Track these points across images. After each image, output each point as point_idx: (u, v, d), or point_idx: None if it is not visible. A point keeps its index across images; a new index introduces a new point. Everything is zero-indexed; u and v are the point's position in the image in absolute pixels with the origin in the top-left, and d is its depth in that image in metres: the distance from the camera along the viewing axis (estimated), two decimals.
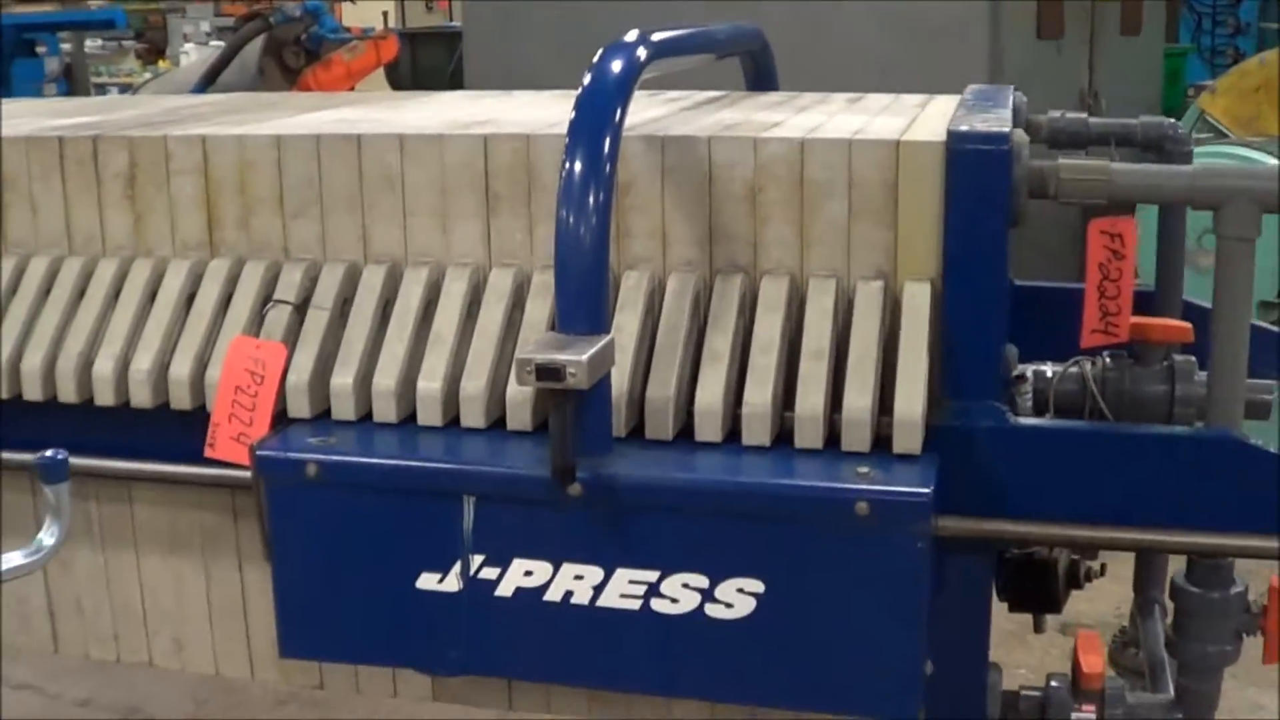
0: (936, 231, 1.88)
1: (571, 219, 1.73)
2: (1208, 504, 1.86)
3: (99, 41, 11.14)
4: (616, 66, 1.84)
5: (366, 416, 2.00)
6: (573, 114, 1.79)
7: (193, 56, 9.73)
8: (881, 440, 1.83)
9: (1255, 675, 3.96)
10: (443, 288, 2.02)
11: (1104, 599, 4.46)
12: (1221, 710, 3.64)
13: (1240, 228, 1.88)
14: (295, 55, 6.52)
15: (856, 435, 1.82)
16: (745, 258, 1.95)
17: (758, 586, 1.77)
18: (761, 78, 2.79)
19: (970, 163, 1.86)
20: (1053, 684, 2.03)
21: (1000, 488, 1.89)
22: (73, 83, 8.62)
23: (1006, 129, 1.87)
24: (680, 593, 1.79)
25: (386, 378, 1.97)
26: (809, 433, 1.83)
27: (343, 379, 1.99)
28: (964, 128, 1.87)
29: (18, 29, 8.36)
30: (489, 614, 1.86)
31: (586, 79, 1.83)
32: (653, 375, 1.89)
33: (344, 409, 1.99)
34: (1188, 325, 2.29)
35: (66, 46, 8.70)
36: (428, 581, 1.87)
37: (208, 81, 6.09)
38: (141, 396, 2.08)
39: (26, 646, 2.39)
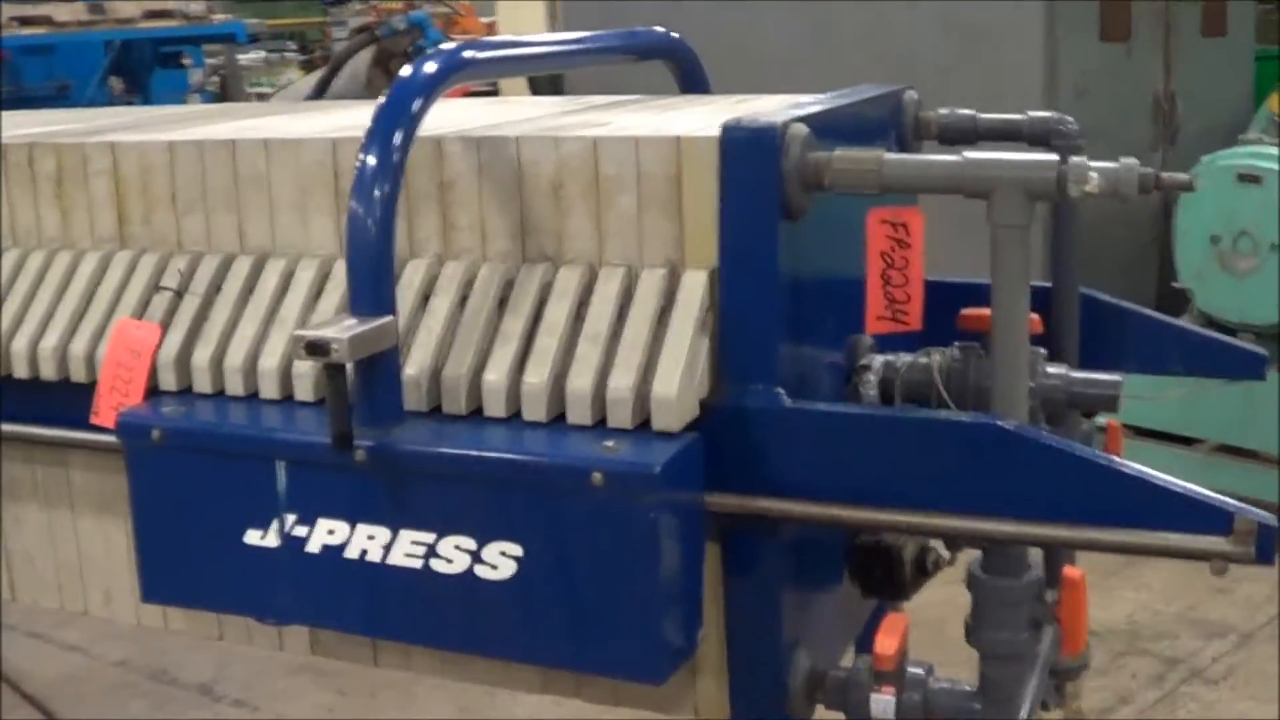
0: (716, 222, 1.99)
1: (361, 210, 1.92)
2: (976, 490, 1.91)
3: (262, 53, 11.84)
4: (417, 79, 2.01)
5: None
6: (371, 119, 1.97)
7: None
8: None
9: (1255, 687, 3.86)
10: (294, 276, 2.23)
11: (1119, 605, 4.40)
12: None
13: (1010, 216, 1.92)
14: (401, 66, 6.87)
15: (619, 412, 1.94)
16: (552, 248, 2.10)
17: (517, 550, 1.91)
18: (690, 82, 2.90)
19: (739, 155, 1.96)
20: (856, 665, 2.10)
21: (776, 468, 1.98)
22: (226, 92, 9.23)
23: (777, 121, 1.96)
24: (454, 554, 1.95)
25: (235, 356, 2.19)
26: (578, 410, 1.97)
27: (200, 357, 2.22)
28: (736, 122, 1.98)
29: (154, 43, 9.02)
30: (303, 569, 2.05)
31: (392, 87, 2.01)
32: (450, 355, 2.05)
33: (202, 383, 2.22)
34: (1036, 317, 2.32)
35: (214, 60, 9.32)
36: (253, 537, 2.08)
37: (319, 92, 6.49)
38: (49, 370, 2.35)
39: None
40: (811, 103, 2.31)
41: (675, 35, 2.89)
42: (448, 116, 2.35)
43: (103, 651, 4.11)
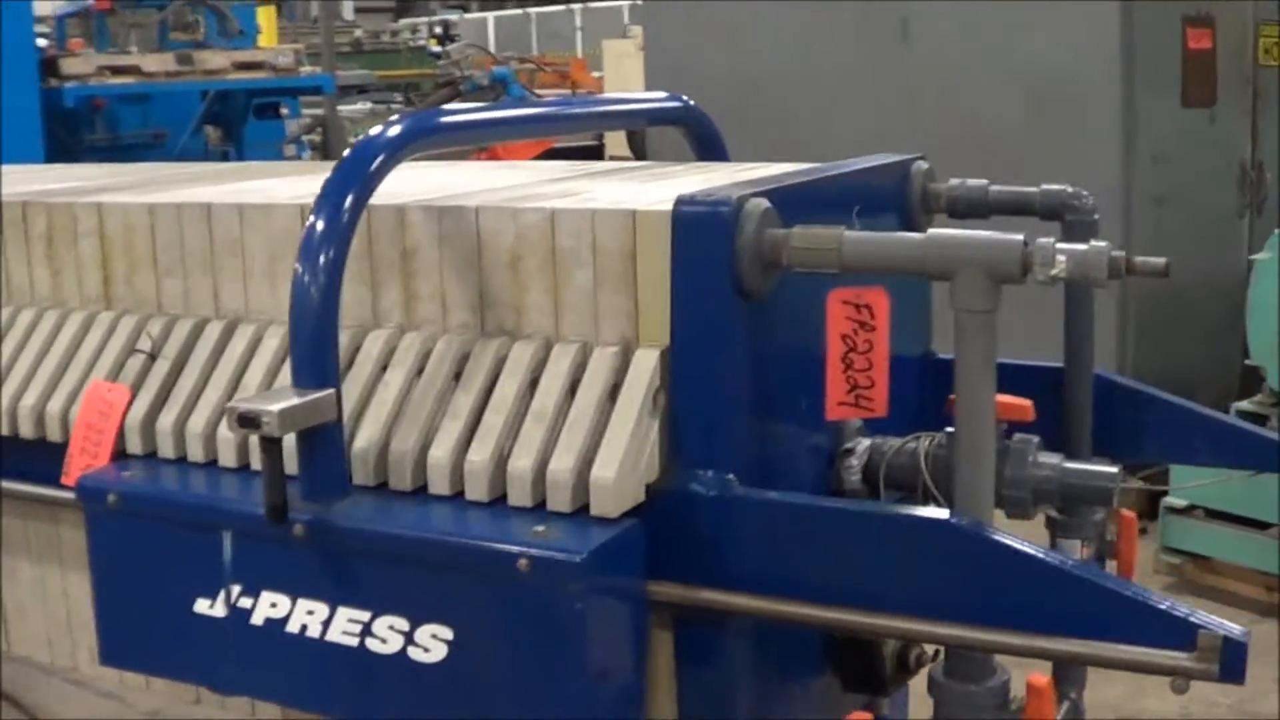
0: (669, 299, 1.93)
1: (305, 276, 1.89)
2: (928, 589, 1.82)
3: (367, 105, 12.04)
4: (374, 144, 1.98)
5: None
6: (320, 188, 1.95)
7: None
8: None
9: None
10: (261, 342, 2.21)
11: (1172, 697, 4.17)
12: None
13: (973, 300, 1.83)
14: None
15: (558, 495, 1.88)
16: (511, 322, 2.05)
17: (448, 634, 1.86)
18: (706, 148, 2.84)
19: (691, 231, 1.90)
20: None
21: (723, 557, 1.90)
22: (327, 143, 9.39)
23: (731, 196, 1.90)
24: (388, 634, 1.90)
25: (197, 422, 2.18)
26: (518, 491, 1.91)
27: (165, 421, 2.21)
28: (689, 196, 1.92)
29: (247, 94, 9.23)
30: (248, 640, 2.02)
31: (344, 154, 1.99)
32: (398, 430, 2.01)
33: (166, 448, 2.21)
34: (1027, 403, 2.21)
35: (316, 111, 9.49)
36: (202, 606, 2.05)
37: None
38: (27, 429, 2.37)
39: None
40: (797, 174, 2.25)
41: (687, 101, 2.83)
42: (428, 182, 2.33)
43: (137, 700, 4.13)
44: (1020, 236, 1.83)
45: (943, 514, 1.83)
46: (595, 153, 12.90)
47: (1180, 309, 5.59)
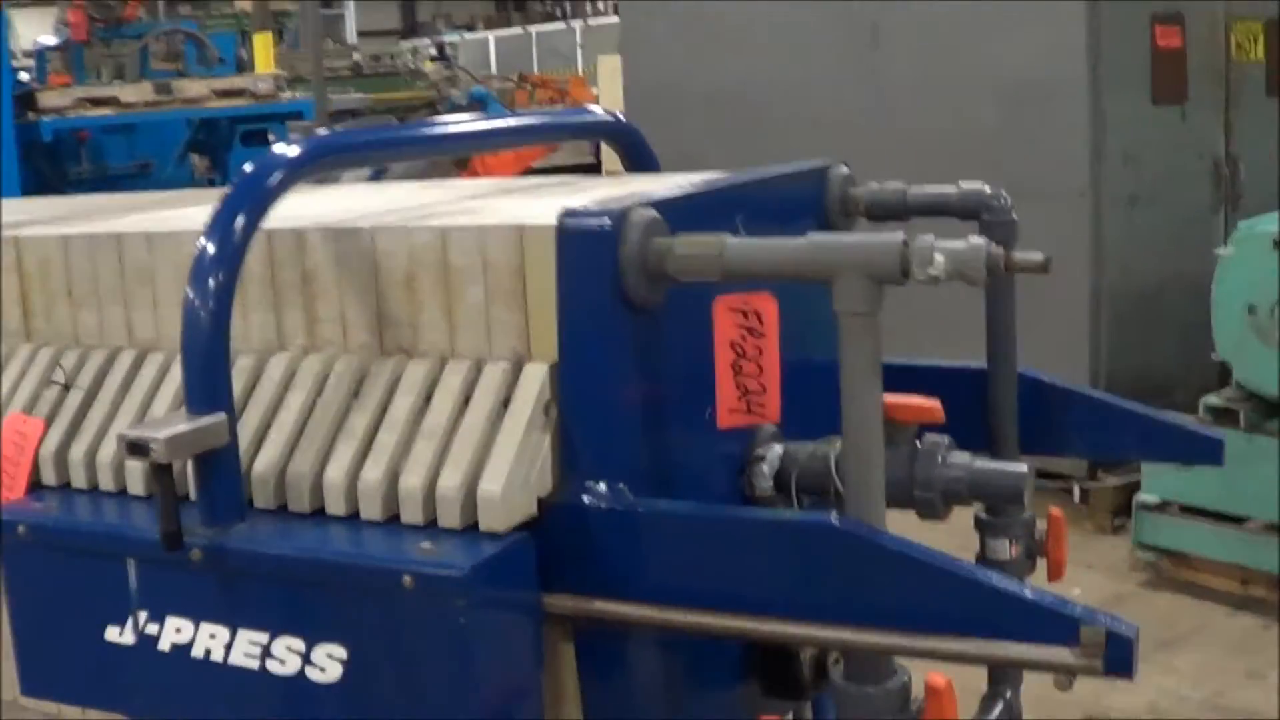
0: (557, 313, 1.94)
1: (196, 300, 1.90)
2: (816, 593, 1.82)
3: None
4: (267, 166, 2.00)
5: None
6: (210, 213, 1.96)
7: None
8: None
9: None
10: (169, 371, 2.23)
11: (1143, 691, 4.16)
12: None
13: (853, 303, 1.83)
14: None
15: (447, 511, 1.89)
16: (408, 340, 2.06)
17: (342, 652, 1.87)
18: (637, 160, 2.85)
19: (575, 244, 1.91)
20: None
21: (616, 568, 1.90)
22: None
23: (615, 208, 1.90)
24: (286, 655, 1.91)
25: (106, 452, 2.19)
26: (410, 508, 1.92)
27: (76, 452, 2.22)
28: (574, 209, 1.92)
29: (231, 121, 9.27)
30: (157, 666, 2.03)
31: (235, 181, 2.00)
32: (296, 452, 2.02)
33: (78, 478, 2.23)
34: (936, 404, 2.21)
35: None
36: (112, 634, 2.06)
37: (379, 172, 6.56)
38: None
39: None
40: (698, 183, 2.26)
41: (615, 115, 2.85)
42: (329, 205, 2.34)
43: None
44: (900, 236, 1.83)
45: (825, 517, 1.82)
46: (594, 169, 12.93)
47: (1155, 307, 5.57)
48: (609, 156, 14.47)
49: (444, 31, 28.38)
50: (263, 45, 12.31)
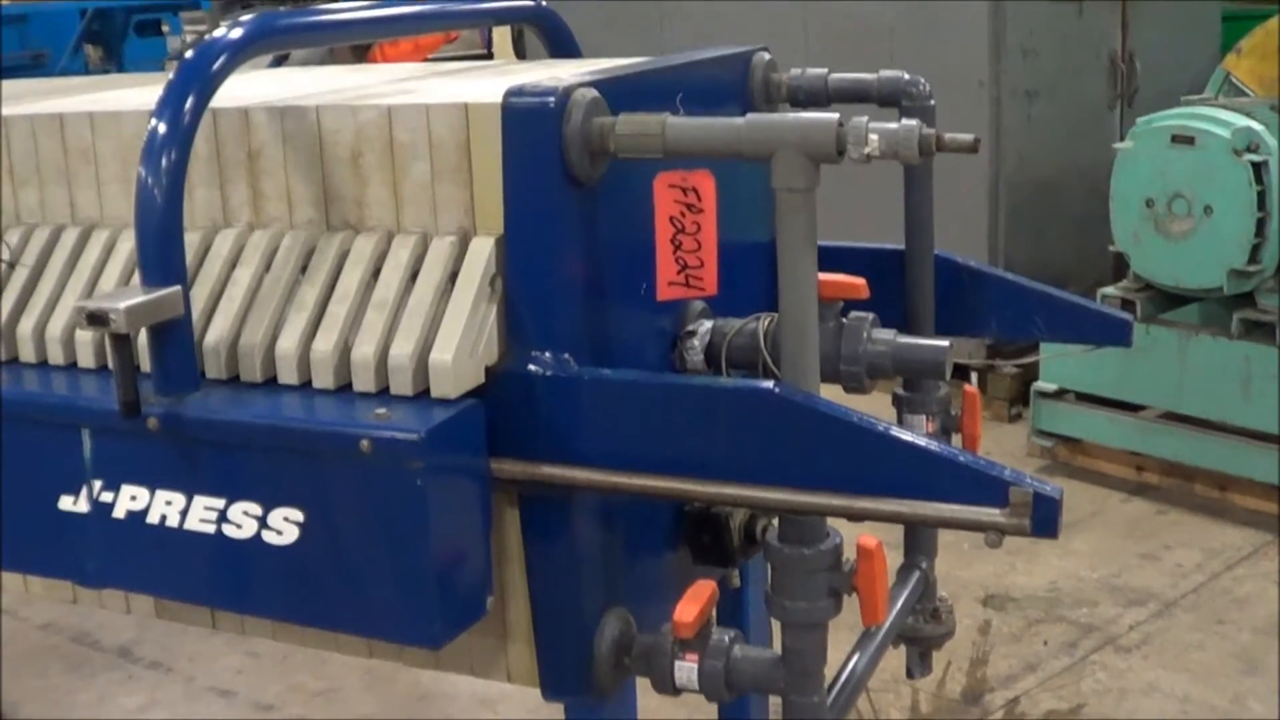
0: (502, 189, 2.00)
1: (149, 178, 1.94)
2: (754, 457, 1.91)
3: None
4: (215, 46, 2.02)
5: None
6: (161, 91, 1.99)
7: None
8: None
9: (1167, 657, 3.84)
10: (115, 247, 2.26)
11: (1043, 571, 4.38)
12: (1116, 689, 3.58)
13: (791, 179, 1.90)
14: None
15: (399, 379, 1.97)
16: (354, 216, 2.11)
17: (299, 516, 1.94)
18: (558, 46, 2.89)
19: (520, 121, 1.97)
20: (660, 632, 2.11)
21: (561, 434, 1.99)
22: None
23: (559, 86, 1.97)
24: (242, 519, 1.98)
25: (55, 326, 2.23)
26: (362, 377, 1.99)
27: (24, 327, 2.26)
28: (519, 88, 1.98)
29: (127, 11, 9.07)
30: (111, 534, 2.09)
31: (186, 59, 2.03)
32: (246, 324, 2.08)
33: (26, 353, 2.26)
34: (861, 281, 2.32)
35: (199, 28, 9.36)
36: (66, 503, 2.12)
37: (280, 58, 6.48)
38: None
39: None
40: (630, 66, 2.32)
41: (539, 1, 2.88)
42: (270, 86, 2.37)
43: (30, 614, 4.22)
44: (836, 116, 1.91)
45: (766, 384, 1.92)
46: (488, 59, 12.81)
47: (1052, 199, 5.74)
48: (501, 49, 14.31)
49: None
50: None
